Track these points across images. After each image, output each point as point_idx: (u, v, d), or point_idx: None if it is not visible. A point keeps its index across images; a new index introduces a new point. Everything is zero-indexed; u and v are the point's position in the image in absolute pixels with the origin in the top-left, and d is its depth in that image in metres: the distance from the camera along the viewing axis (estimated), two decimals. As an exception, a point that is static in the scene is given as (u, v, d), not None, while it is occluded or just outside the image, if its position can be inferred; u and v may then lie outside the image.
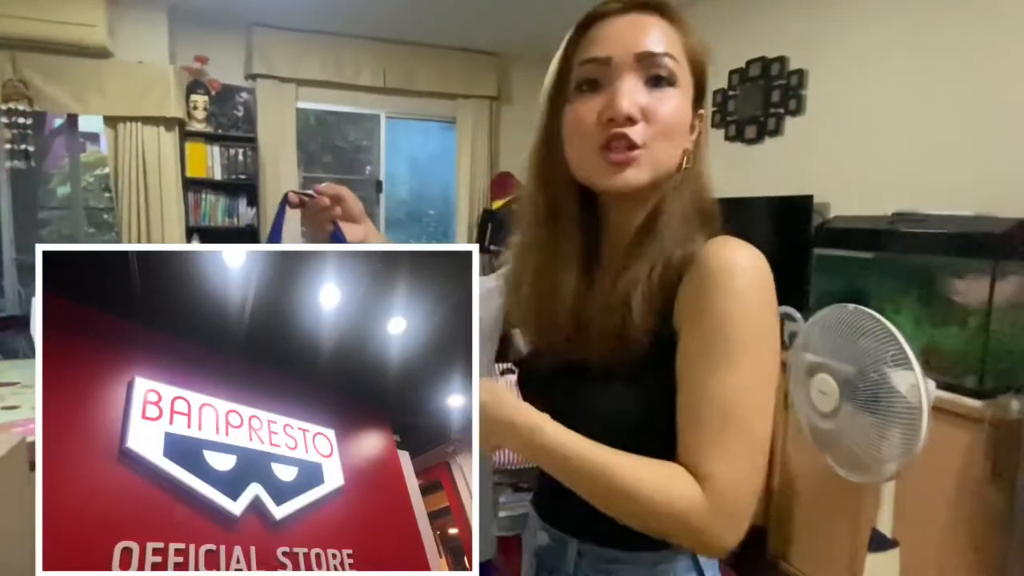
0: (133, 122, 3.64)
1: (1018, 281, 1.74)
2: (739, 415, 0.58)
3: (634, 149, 0.63)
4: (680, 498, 0.56)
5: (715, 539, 0.56)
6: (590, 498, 0.60)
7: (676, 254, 0.63)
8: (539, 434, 0.59)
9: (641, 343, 0.62)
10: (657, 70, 0.63)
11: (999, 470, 1.68)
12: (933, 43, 2.36)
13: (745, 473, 0.57)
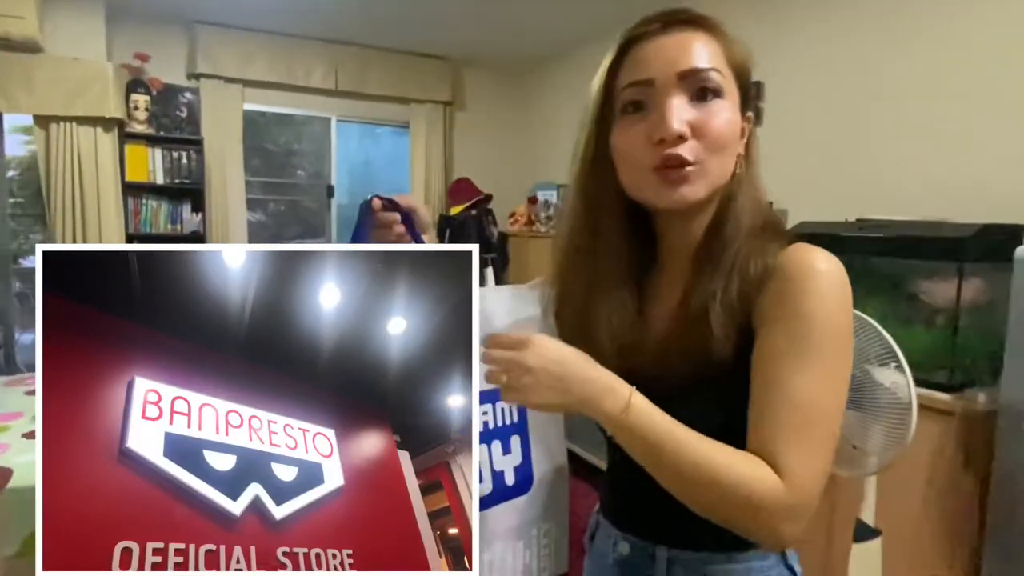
0: (67, 122, 3.45)
1: (981, 282, 1.84)
2: (818, 413, 0.59)
3: (687, 166, 0.63)
4: (764, 487, 0.56)
5: (787, 531, 0.58)
6: (668, 478, 0.59)
7: (753, 267, 0.64)
8: (630, 405, 0.58)
9: (725, 359, 0.62)
10: (703, 83, 0.64)
11: (970, 459, 1.76)
12: (889, 55, 2.48)
13: (819, 471, 0.59)
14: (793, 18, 2.78)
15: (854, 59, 2.57)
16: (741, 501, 0.56)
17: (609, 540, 0.79)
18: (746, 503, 0.56)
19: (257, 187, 4.64)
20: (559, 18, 3.77)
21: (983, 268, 1.83)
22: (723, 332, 0.62)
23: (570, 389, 0.58)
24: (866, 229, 2.06)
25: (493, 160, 4.93)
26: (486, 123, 4.95)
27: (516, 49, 4.45)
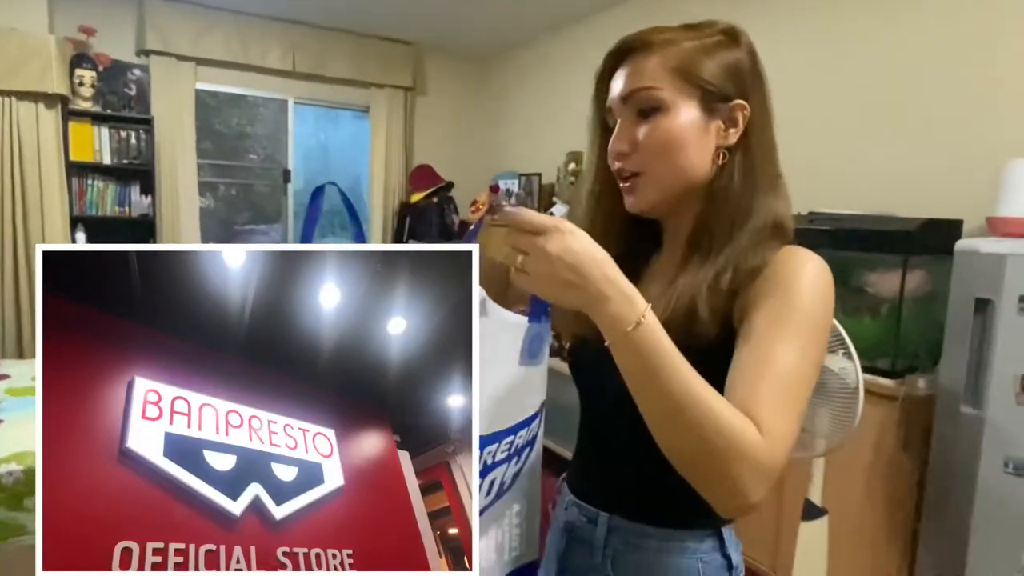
0: (5, 96, 3.26)
1: (924, 274, 1.93)
2: (795, 384, 0.61)
3: (631, 178, 0.72)
4: (748, 438, 0.55)
5: (755, 490, 0.57)
6: (655, 406, 0.58)
7: (750, 261, 0.67)
8: (644, 321, 0.56)
9: (707, 339, 0.65)
10: (637, 104, 0.70)
11: (910, 442, 1.87)
12: (838, 56, 2.57)
13: (791, 434, 0.60)
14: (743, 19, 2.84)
15: (806, 60, 2.66)
16: (722, 446, 0.55)
17: (563, 506, 0.84)
18: (729, 450, 0.55)
19: (208, 170, 4.46)
20: (523, 5, 3.75)
21: (926, 260, 1.92)
22: (709, 315, 0.66)
23: (585, 286, 0.55)
24: (816, 222, 2.13)
25: (454, 147, 4.89)
26: (448, 109, 4.90)
27: (480, 36, 4.41)
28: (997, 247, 1.65)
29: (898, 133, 2.37)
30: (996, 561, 1.61)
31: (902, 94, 2.35)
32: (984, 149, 2.10)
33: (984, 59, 2.12)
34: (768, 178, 0.72)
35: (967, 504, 1.67)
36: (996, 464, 1.61)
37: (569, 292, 0.57)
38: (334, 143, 5.08)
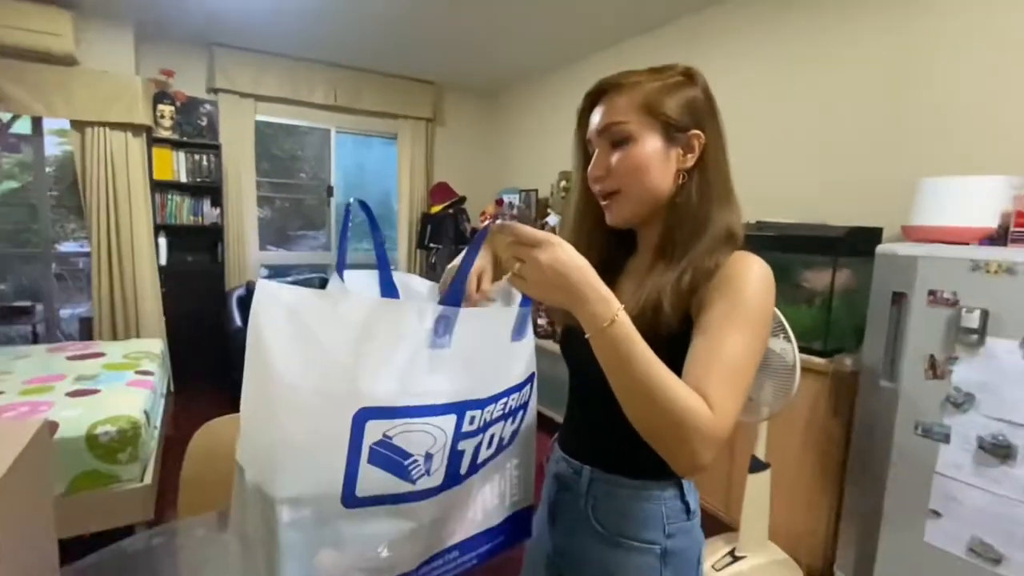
0: (100, 127, 3.26)
1: (850, 272, 1.93)
2: (740, 368, 0.62)
3: (608, 197, 0.74)
4: (701, 415, 0.57)
5: (705, 456, 0.58)
6: (626, 388, 0.59)
7: (707, 264, 0.67)
8: (617, 319, 0.57)
9: (671, 329, 0.66)
10: (611, 137, 0.71)
11: (838, 409, 1.87)
12: (779, 93, 2.56)
13: (736, 410, 0.61)
14: (692, 49, 2.84)
15: (753, 97, 2.65)
16: (680, 421, 0.57)
17: (554, 460, 0.86)
18: (683, 424, 0.57)
19: (266, 187, 4.49)
20: (525, 50, 3.75)
21: (851, 261, 1.92)
22: (671, 310, 0.66)
23: (568, 289, 0.57)
24: (763, 229, 2.14)
25: (467, 167, 4.88)
26: (462, 137, 4.89)
27: (488, 75, 4.39)
28: (911, 250, 1.64)
29: (830, 155, 2.36)
30: (907, 505, 1.62)
31: (833, 122, 2.34)
32: (900, 169, 2.09)
33: (901, 90, 2.11)
34: (722, 194, 0.72)
35: (884, 459, 1.67)
36: (908, 428, 1.62)
37: (556, 294, 0.59)
38: (368, 164, 5.08)
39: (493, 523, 0.80)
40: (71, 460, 1.88)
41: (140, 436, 1.99)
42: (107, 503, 1.91)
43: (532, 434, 0.85)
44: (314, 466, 0.59)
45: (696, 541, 0.76)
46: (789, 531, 1.99)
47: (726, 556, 1.96)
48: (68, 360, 2.63)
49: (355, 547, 0.64)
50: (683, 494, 0.74)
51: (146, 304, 3.51)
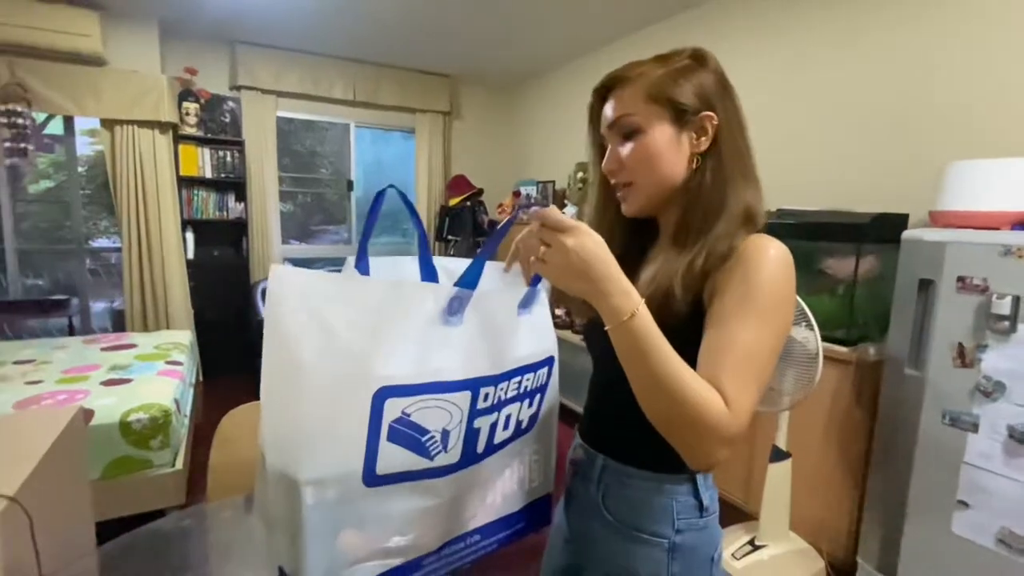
0: (129, 125, 3.32)
1: (873, 260, 1.88)
2: (756, 358, 0.60)
3: (623, 188, 0.73)
4: (717, 412, 0.56)
5: (720, 453, 0.58)
6: (643, 382, 0.58)
7: (721, 247, 0.65)
8: (637, 312, 0.56)
9: (682, 315, 0.64)
10: (621, 130, 0.71)
11: (861, 399, 1.82)
12: (803, 76, 2.49)
13: (752, 404, 0.59)
14: (712, 32, 2.78)
15: (776, 82, 2.58)
16: (696, 418, 0.55)
17: (573, 447, 0.85)
18: (699, 421, 0.55)
19: (288, 182, 4.54)
20: (541, 41, 3.71)
21: (876, 248, 1.87)
22: (682, 295, 0.64)
23: (592, 279, 0.56)
24: (784, 217, 2.09)
25: (484, 160, 4.87)
26: (479, 129, 4.87)
27: (504, 68, 4.36)
28: (939, 236, 1.59)
29: (853, 140, 2.29)
30: (934, 495, 1.57)
31: (857, 105, 2.27)
32: (927, 153, 2.02)
33: (927, 74, 2.03)
34: (739, 175, 0.69)
35: (909, 449, 1.62)
36: (935, 417, 1.57)
37: (578, 283, 0.58)
38: (387, 158, 5.10)
39: (513, 509, 0.80)
40: (106, 446, 1.93)
41: (171, 423, 2.03)
42: (140, 487, 1.96)
43: (553, 421, 0.84)
44: (335, 447, 0.59)
45: (710, 539, 0.73)
46: (811, 520, 1.96)
47: (746, 545, 1.94)
48: (102, 351, 2.71)
49: (377, 526, 0.64)
50: (697, 490, 0.72)
51: (175, 297, 3.58)
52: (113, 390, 2.15)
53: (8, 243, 3.42)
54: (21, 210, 4.40)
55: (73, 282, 3.76)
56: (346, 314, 0.58)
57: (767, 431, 2.04)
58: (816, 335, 1.68)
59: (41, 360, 2.51)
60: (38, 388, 2.14)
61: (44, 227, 4.20)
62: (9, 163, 3.11)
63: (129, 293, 3.51)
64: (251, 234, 3.93)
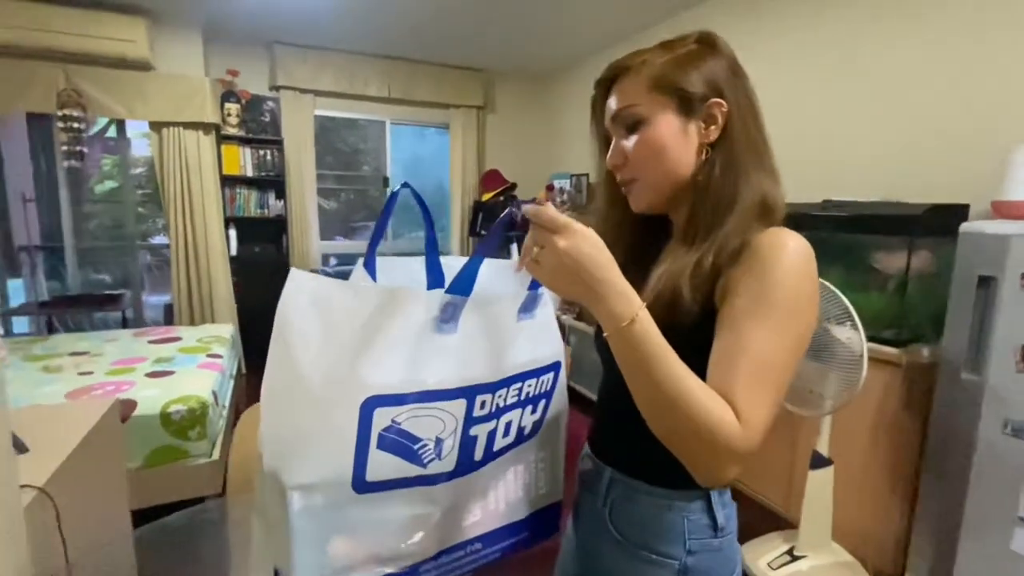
0: (175, 127, 3.46)
1: (928, 255, 1.75)
2: (771, 367, 0.54)
3: (629, 184, 0.68)
4: (727, 428, 0.51)
5: (730, 472, 0.53)
6: (645, 394, 0.54)
7: (733, 242, 0.59)
8: (637, 319, 0.52)
9: (691, 318, 0.59)
10: (625, 122, 0.66)
11: (912, 403, 1.70)
12: (850, 52, 2.33)
13: (767, 418, 0.54)
14: (761, 19, 2.63)
15: (819, 58, 2.43)
16: (703, 432, 0.51)
17: (582, 457, 0.80)
18: (706, 437, 0.51)
19: (331, 179, 4.66)
20: (573, 35, 3.64)
21: (932, 241, 1.73)
22: (691, 296, 0.59)
23: (586, 283, 0.53)
24: (829, 208, 1.97)
25: (518, 154, 4.83)
26: (513, 123, 4.83)
27: (537, 60, 4.31)
28: (1002, 228, 1.45)
29: (908, 125, 2.13)
30: (992, 512, 1.45)
31: (911, 87, 2.11)
32: (990, 138, 1.85)
33: (988, 51, 1.86)
34: (752, 165, 0.63)
35: (966, 459, 1.50)
36: (995, 426, 1.44)
37: (572, 286, 0.54)
38: (423, 155, 5.14)
39: (518, 517, 0.77)
40: (148, 436, 2.01)
41: (208, 415, 2.10)
42: (180, 476, 2.04)
43: (561, 427, 0.81)
44: (324, 453, 0.58)
45: (726, 561, 0.67)
46: (855, 531, 1.85)
47: (784, 555, 1.85)
48: (149, 344, 2.83)
49: (369, 534, 0.63)
50: (711, 508, 0.66)
51: (219, 292, 3.72)
52: (156, 382, 2.24)
53: (68, 241, 3.63)
54: (88, 210, 4.69)
55: (129, 277, 3.97)
56: (340, 321, 0.57)
57: (808, 436, 1.94)
58: (861, 335, 1.57)
59: (94, 352, 2.64)
60: (89, 379, 2.25)
61: (108, 225, 4.45)
62: (67, 165, 3.28)
63: (176, 288, 3.66)
64: (290, 231, 4.04)
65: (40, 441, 1.10)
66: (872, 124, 2.26)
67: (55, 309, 3.44)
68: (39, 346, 2.75)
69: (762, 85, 0.68)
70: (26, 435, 1.09)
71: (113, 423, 1.37)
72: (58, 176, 3.54)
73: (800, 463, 1.98)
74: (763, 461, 2.20)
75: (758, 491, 2.25)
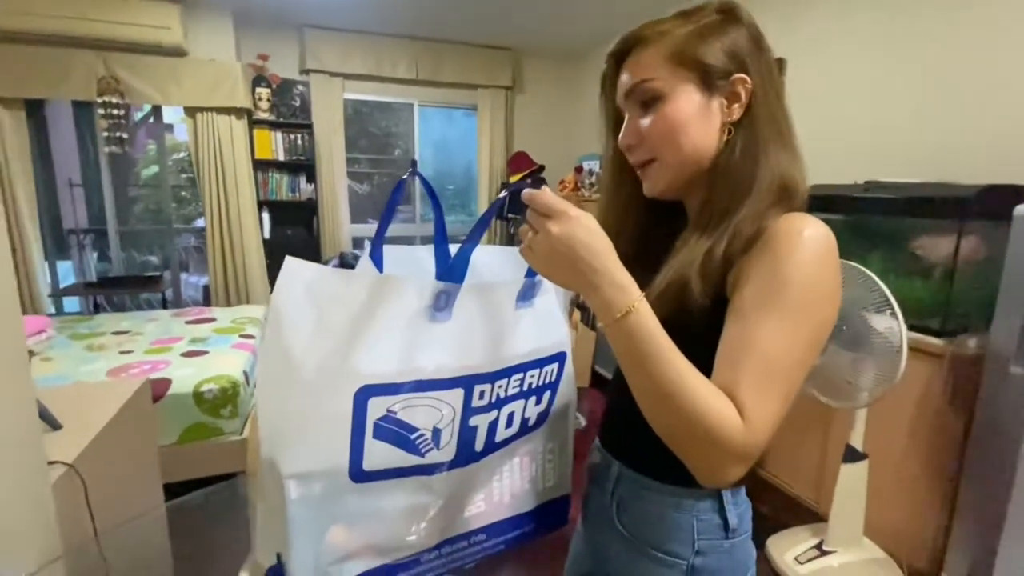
0: (209, 112, 3.53)
1: (978, 239, 1.63)
2: (781, 365, 0.51)
3: (644, 166, 0.64)
4: (729, 426, 0.48)
5: (733, 472, 0.50)
6: (643, 388, 0.51)
7: (747, 229, 0.55)
8: (634, 310, 0.49)
9: (701, 310, 0.55)
10: (639, 97, 0.62)
11: (956, 397, 1.61)
12: (895, 30, 2.18)
13: (773, 417, 0.50)
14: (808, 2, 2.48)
15: (862, 31, 2.27)
16: (703, 431, 0.48)
17: (592, 447, 0.78)
18: (707, 435, 0.48)
19: (364, 163, 4.70)
20: (603, 11, 3.52)
21: (984, 225, 1.62)
22: (701, 287, 0.55)
23: (579, 271, 0.50)
24: (872, 190, 1.86)
25: (546, 135, 4.75)
26: (541, 104, 4.75)
27: (568, 39, 4.20)
28: (1062, 210, 1.34)
29: (959, 100, 1.98)
30: (1040, 515, 1.36)
31: (965, 60, 1.95)
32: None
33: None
34: (774, 146, 0.58)
35: (1011, 456, 1.41)
36: (1046, 423, 1.34)
37: (565, 274, 0.52)
38: (451, 138, 5.11)
39: (524, 509, 0.76)
40: (182, 413, 2.09)
41: (239, 394, 2.17)
42: (212, 453, 2.12)
43: (569, 418, 0.78)
44: (319, 442, 0.57)
45: (738, 563, 0.64)
46: (889, 528, 1.77)
47: (812, 549, 1.79)
48: (186, 324, 2.93)
49: (368, 523, 0.62)
50: (722, 507, 0.63)
51: (253, 274, 3.82)
52: (191, 361, 2.32)
53: (111, 224, 3.77)
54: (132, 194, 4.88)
55: (171, 260, 4.11)
56: (334, 309, 0.56)
57: (840, 428, 1.86)
58: (901, 324, 1.48)
59: (135, 331, 2.76)
60: (129, 358, 2.35)
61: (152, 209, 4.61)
62: (108, 151, 3.40)
63: (213, 270, 3.77)
64: (321, 214, 4.09)
65: (73, 419, 1.14)
66: (920, 101, 2.11)
67: (100, 290, 3.60)
68: (84, 325, 2.88)
69: (802, 63, 0.62)
70: (61, 413, 1.13)
71: (144, 402, 1.42)
72: (101, 162, 3.67)
73: (832, 456, 1.91)
74: (793, 453, 2.13)
75: (787, 483, 2.19)
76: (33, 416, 0.89)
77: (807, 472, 2.07)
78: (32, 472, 0.87)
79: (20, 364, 0.85)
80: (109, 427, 1.17)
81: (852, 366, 1.59)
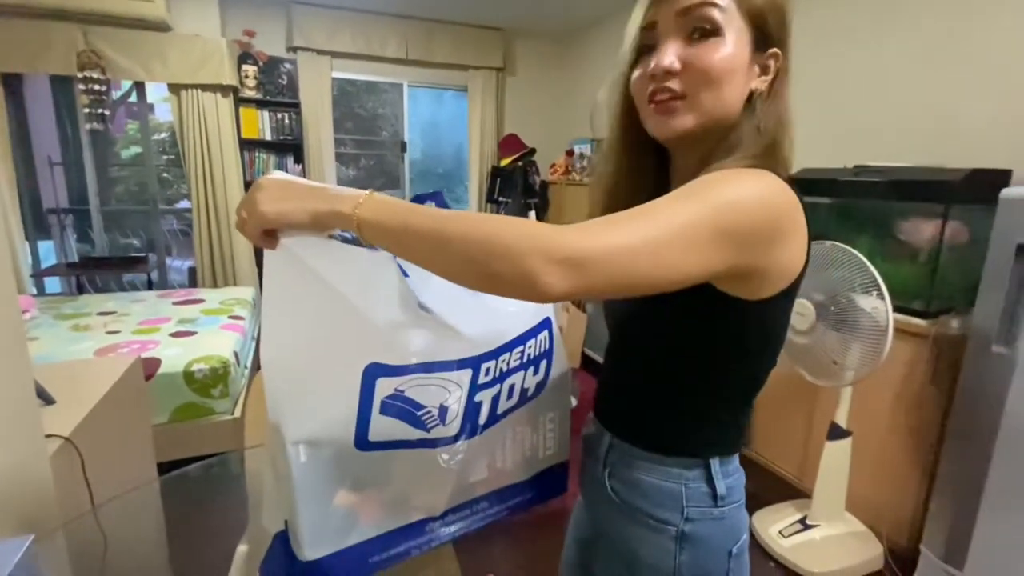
0: (194, 89, 3.45)
1: (963, 222, 1.67)
2: (648, 211, 0.47)
3: (676, 99, 0.56)
4: (520, 228, 0.44)
5: (544, 269, 0.43)
6: (426, 250, 0.48)
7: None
8: (368, 198, 0.50)
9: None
10: (698, 22, 0.55)
11: (938, 376, 1.65)
12: (885, 15, 2.19)
13: (608, 240, 0.44)
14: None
15: (858, 15, 2.29)
16: (492, 237, 0.44)
17: (587, 418, 0.79)
18: (496, 237, 0.44)
19: (350, 144, 4.62)
20: (596, -10, 3.49)
21: (969, 209, 1.65)
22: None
23: (299, 194, 0.51)
24: (861, 174, 1.89)
25: (537, 117, 4.73)
26: (533, 86, 4.71)
27: (560, 19, 4.16)
28: (1045, 194, 1.37)
29: (949, 85, 2.00)
30: (1016, 483, 1.42)
31: (954, 45, 1.97)
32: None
33: (1051, 6, 1.72)
34: (782, 130, 0.58)
35: (990, 433, 1.46)
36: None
37: (287, 203, 0.51)
38: (441, 119, 5.06)
39: (524, 477, 0.78)
40: (172, 393, 2.08)
41: (229, 374, 2.16)
42: (203, 432, 2.11)
43: (566, 387, 0.80)
44: (325, 411, 0.58)
45: (728, 530, 0.65)
46: (870, 503, 1.83)
47: (796, 524, 1.85)
48: (173, 305, 2.90)
49: (374, 489, 0.64)
50: (710, 477, 0.63)
51: (240, 255, 3.77)
52: (180, 341, 2.30)
53: (93, 204, 3.69)
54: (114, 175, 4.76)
55: (156, 241, 4.04)
56: (347, 287, 0.56)
57: (825, 406, 1.91)
58: (887, 305, 1.52)
59: (121, 312, 2.72)
60: (116, 337, 2.32)
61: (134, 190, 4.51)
62: (90, 128, 3.31)
63: (199, 251, 3.72)
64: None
65: (66, 394, 1.14)
66: (910, 86, 2.13)
67: (83, 270, 3.53)
68: (69, 305, 2.83)
69: (793, 47, 0.62)
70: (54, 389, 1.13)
71: (136, 379, 1.41)
72: (82, 139, 3.58)
73: (817, 433, 1.96)
74: (778, 430, 2.19)
75: (771, 460, 2.24)
76: (30, 389, 0.88)
77: (791, 450, 2.13)
78: (30, 444, 0.87)
79: (17, 337, 0.84)
80: (103, 403, 1.16)
81: (839, 346, 1.63)
